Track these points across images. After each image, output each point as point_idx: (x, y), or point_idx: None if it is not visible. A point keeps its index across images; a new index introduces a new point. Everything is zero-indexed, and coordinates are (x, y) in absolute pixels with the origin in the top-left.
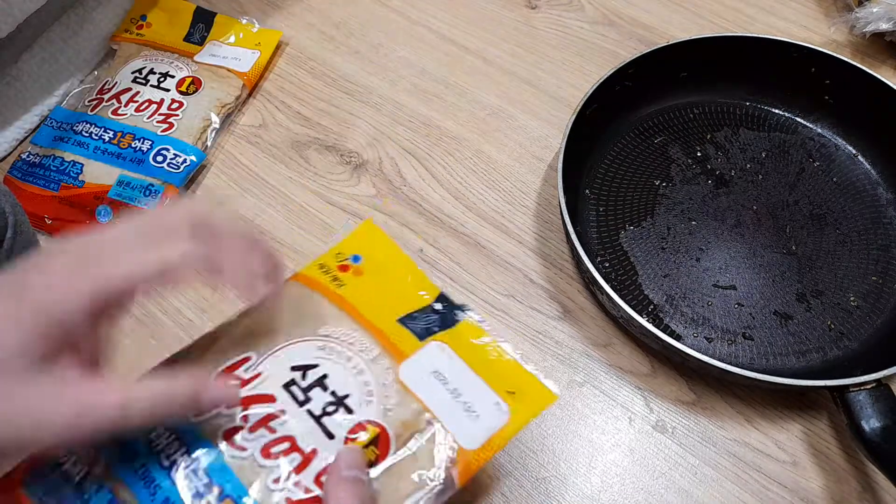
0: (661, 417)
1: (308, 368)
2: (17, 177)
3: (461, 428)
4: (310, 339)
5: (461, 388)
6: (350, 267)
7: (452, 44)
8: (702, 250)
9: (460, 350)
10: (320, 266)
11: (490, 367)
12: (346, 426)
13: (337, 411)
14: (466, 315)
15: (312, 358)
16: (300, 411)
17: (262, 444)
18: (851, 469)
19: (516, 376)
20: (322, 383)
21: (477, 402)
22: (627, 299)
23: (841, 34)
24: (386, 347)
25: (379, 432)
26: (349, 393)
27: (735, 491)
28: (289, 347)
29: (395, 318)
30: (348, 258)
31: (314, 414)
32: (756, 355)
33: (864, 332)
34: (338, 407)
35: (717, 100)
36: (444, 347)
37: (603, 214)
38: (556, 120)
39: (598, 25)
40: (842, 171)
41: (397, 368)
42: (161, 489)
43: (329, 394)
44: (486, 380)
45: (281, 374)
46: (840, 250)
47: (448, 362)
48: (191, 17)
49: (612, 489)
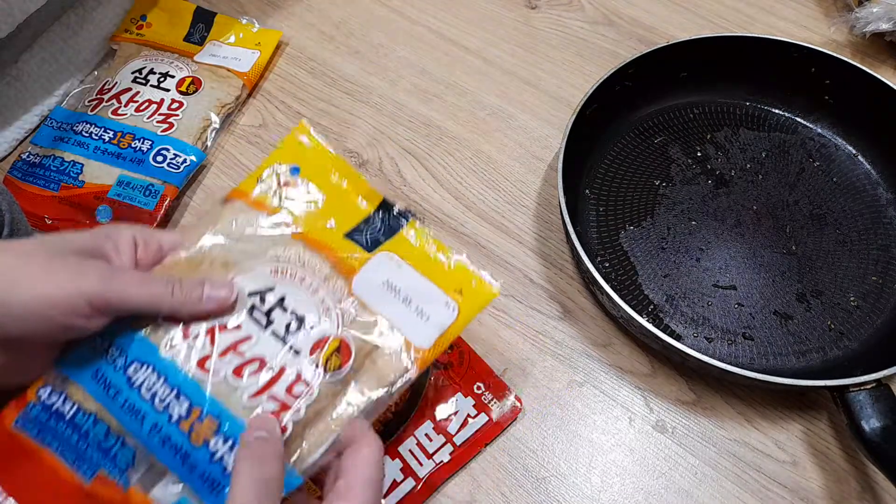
0: (661, 417)
1: (265, 293)
2: (17, 177)
3: (414, 330)
4: (261, 263)
5: (411, 293)
6: (290, 182)
7: (452, 44)
8: (702, 250)
9: (407, 256)
10: (259, 181)
11: (436, 268)
12: (309, 342)
13: (299, 329)
14: (409, 219)
15: (267, 282)
16: (265, 334)
17: (234, 367)
18: (851, 469)
19: (461, 275)
20: (281, 305)
21: (427, 304)
22: (627, 299)
23: (841, 34)
24: (336, 264)
25: (339, 343)
26: (307, 312)
27: (735, 491)
28: (242, 275)
29: (341, 234)
30: (287, 171)
31: (278, 334)
32: (756, 355)
33: (864, 332)
34: (300, 325)
35: (717, 100)
36: (392, 256)
37: (603, 214)
38: (556, 120)
39: (598, 25)
40: (842, 171)
41: (350, 283)
42: (147, 417)
43: (289, 314)
44: (434, 281)
45: (242, 302)
46: (840, 250)
47: (397, 270)
48: (191, 17)
49: (612, 489)
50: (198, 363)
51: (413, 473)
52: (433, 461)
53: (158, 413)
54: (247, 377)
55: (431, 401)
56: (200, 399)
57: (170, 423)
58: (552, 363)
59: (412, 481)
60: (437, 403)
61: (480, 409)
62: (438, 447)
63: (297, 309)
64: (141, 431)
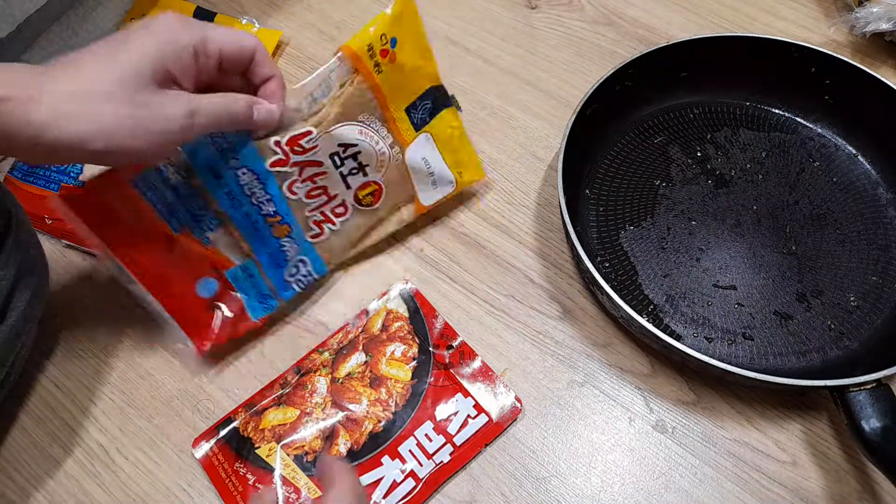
0: (661, 417)
1: (349, 146)
2: (17, 177)
3: (426, 192)
4: (353, 123)
5: (434, 167)
6: (388, 52)
7: (452, 44)
8: (702, 250)
9: (438, 137)
10: (368, 48)
11: (454, 149)
12: (359, 182)
13: (358, 173)
14: (449, 105)
15: (354, 139)
16: (335, 171)
17: (307, 190)
18: (851, 469)
19: (467, 157)
20: (354, 156)
21: (439, 178)
22: (627, 299)
23: (841, 34)
24: (397, 136)
25: (377, 188)
26: (369, 163)
27: (735, 491)
28: (338, 129)
29: (403, 107)
30: (389, 42)
31: (343, 174)
32: (756, 355)
33: (864, 332)
34: (359, 171)
35: (717, 100)
36: (429, 138)
37: (603, 214)
38: (556, 120)
39: (598, 25)
40: (842, 171)
41: (404, 152)
42: (243, 205)
43: (357, 163)
44: (448, 162)
45: (329, 148)
46: (840, 250)
47: (430, 150)
48: (191, 17)
49: (612, 489)
50: (288, 185)
51: (413, 474)
52: (433, 461)
53: (252, 206)
54: (314, 199)
55: (432, 401)
56: (284, 209)
57: (260, 214)
58: (552, 363)
59: (412, 481)
60: (437, 403)
61: (480, 410)
62: (438, 447)
63: (363, 161)
64: (236, 213)
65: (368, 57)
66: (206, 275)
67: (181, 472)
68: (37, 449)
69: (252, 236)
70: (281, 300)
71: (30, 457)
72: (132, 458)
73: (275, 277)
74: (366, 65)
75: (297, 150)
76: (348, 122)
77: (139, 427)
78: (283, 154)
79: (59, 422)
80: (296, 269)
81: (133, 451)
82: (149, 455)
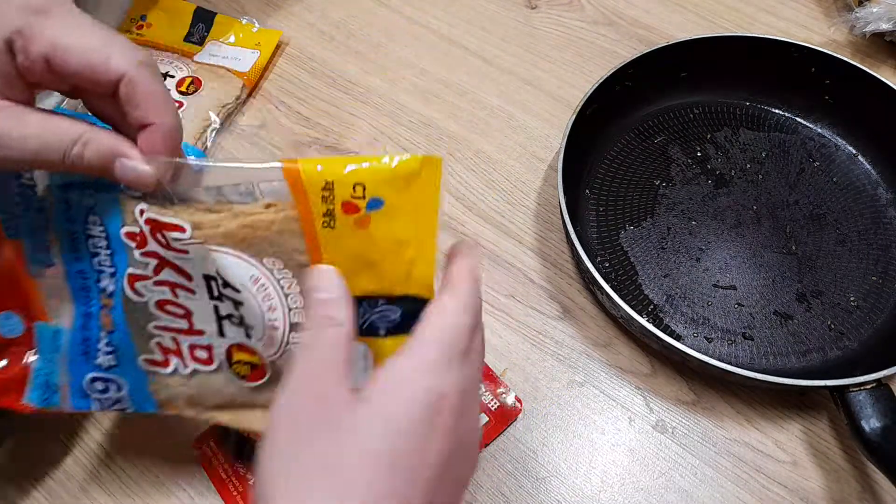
0: (661, 417)
1: (231, 288)
2: None
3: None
4: (250, 262)
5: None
6: (359, 211)
7: (452, 44)
8: (702, 250)
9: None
10: (324, 187)
11: None
12: (237, 339)
13: (238, 327)
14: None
15: (241, 283)
16: (208, 302)
17: (160, 299)
18: (851, 469)
19: None
20: (236, 308)
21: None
22: (627, 299)
23: (841, 34)
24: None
25: (259, 366)
26: (254, 326)
27: (735, 491)
28: (229, 256)
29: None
30: (364, 198)
31: (219, 313)
32: (756, 355)
33: (864, 332)
34: (240, 327)
35: (717, 100)
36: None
37: (603, 214)
38: (556, 120)
39: (598, 25)
40: (842, 171)
41: None
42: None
43: (238, 316)
44: None
45: (206, 267)
46: (840, 250)
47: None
48: (191, 17)
49: (612, 489)
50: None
51: None
52: None
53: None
54: (167, 316)
55: None
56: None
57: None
58: (552, 363)
59: None
60: None
61: (480, 410)
62: None
63: (248, 319)
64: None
65: (319, 198)
66: (15, 309)
67: (181, 472)
68: (37, 449)
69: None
70: (67, 406)
71: (30, 457)
72: (132, 457)
73: (73, 372)
74: (309, 205)
75: (160, 240)
76: (241, 255)
77: (139, 427)
78: (140, 232)
79: (60, 421)
80: (104, 384)
81: (133, 451)
82: (149, 455)
